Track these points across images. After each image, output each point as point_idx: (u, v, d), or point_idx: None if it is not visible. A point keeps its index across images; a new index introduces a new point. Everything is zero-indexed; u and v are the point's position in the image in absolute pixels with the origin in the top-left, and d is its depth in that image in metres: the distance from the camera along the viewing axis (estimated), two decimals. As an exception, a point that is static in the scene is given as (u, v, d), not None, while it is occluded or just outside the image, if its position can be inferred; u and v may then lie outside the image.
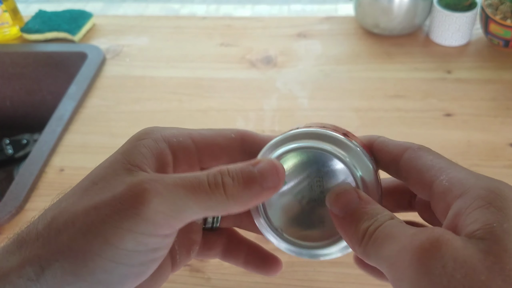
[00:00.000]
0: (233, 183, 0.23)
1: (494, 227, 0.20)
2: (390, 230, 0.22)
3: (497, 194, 0.21)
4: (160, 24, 0.93)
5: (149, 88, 0.78)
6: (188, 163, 0.27)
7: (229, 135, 0.28)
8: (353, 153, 0.25)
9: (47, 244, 0.22)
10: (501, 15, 0.76)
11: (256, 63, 0.82)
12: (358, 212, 0.23)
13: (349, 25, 0.88)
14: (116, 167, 0.24)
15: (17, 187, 0.63)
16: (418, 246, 0.20)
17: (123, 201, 0.22)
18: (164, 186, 0.23)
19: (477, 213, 0.20)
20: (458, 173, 0.23)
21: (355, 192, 0.24)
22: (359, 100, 0.73)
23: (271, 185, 0.24)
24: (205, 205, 0.23)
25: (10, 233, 0.25)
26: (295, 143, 0.26)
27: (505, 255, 0.19)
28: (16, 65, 0.89)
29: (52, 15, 0.93)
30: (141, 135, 0.26)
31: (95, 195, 0.23)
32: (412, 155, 0.25)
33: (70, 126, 0.73)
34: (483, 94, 0.72)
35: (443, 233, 0.20)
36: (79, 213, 0.23)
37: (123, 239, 0.22)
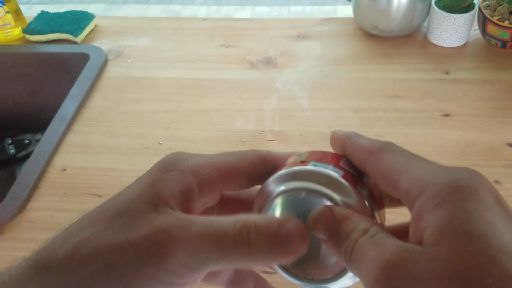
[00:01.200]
0: (258, 241, 0.23)
1: (443, 228, 0.19)
2: (361, 252, 0.21)
3: (452, 187, 0.20)
4: (161, 25, 0.94)
5: (150, 89, 0.79)
6: (211, 193, 0.27)
7: (252, 161, 0.28)
8: (334, 185, 0.25)
9: (68, 277, 0.22)
10: (498, 16, 0.76)
11: (256, 64, 0.82)
12: (337, 232, 0.23)
13: (348, 26, 0.89)
14: (143, 200, 0.24)
15: (19, 186, 0.63)
16: (373, 276, 0.20)
17: (148, 247, 0.22)
18: (190, 237, 0.22)
19: (432, 214, 0.20)
20: (416, 170, 0.22)
21: (329, 211, 0.24)
22: (358, 101, 0.73)
23: (294, 249, 0.23)
24: (226, 259, 0.23)
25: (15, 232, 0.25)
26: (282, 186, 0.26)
27: (453, 259, 0.18)
28: (18, 65, 0.90)
29: (54, 16, 0.94)
30: (168, 165, 0.25)
31: (120, 230, 0.23)
32: (374, 160, 0.24)
33: (72, 126, 0.73)
34: (481, 94, 0.72)
35: (394, 254, 0.19)
36: (103, 249, 0.22)
37: (144, 286, 0.22)
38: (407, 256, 0.19)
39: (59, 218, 0.60)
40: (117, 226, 0.23)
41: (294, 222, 0.24)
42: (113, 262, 0.22)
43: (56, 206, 0.62)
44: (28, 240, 0.58)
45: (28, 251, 0.24)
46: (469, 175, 0.21)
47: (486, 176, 0.65)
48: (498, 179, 0.60)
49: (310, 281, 0.27)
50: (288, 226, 0.24)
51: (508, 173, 0.61)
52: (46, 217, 0.60)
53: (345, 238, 0.22)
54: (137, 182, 0.25)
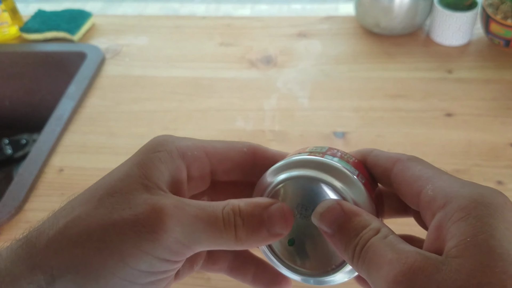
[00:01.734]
0: (243, 226, 0.24)
1: (467, 242, 0.19)
2: (374, 252, 0.22)
3: (479, 202, 0.20)
4: (159, 24, 0.93)
5: (149, 88, 0.78)
6: (201, 176, 0.27)
7: (241, 149, 0.28)
8: (348, 181, 0.25)
9: (59, 254, 0.22)
10: (501, 15, 0.76)
11: (256, 62, 0.81)
12: (345, 228, 0.23)
13: (350, 24, 0.88)
14: (133, 180, 0.24)
15: (16, 187, 0.62)
16: (393, 278, 0.20)
17: (145, 224, 0.22)
18: (186, 216, 0.23)
19: (456, 226, 0.20)
20: (443, 182, 0.23)
21: (338, 206, 0.24)
22: (359, 100, 0.72)
23: (278, 232, 0.25)
24: (216, 241, 0.24)
25: (13, 233, 0.25)
26: (293, 172, 0.26)
27: (475, 273, 0.19)
28: (15, 64, 0.89)
29: (51, 14, 0.93)
30: (156, 146, 0.26)
31: (113, 209, 0.23)
32: (401, 167, 0.25)
33: (70, 126, 0.72)
34: (484, 94, 0.72)
35: (416, 259, 0.20)
36: (96, 227, 0.22)
37: (139, 261, 0.22)
38: (430, 264, 0.20)
39: (57, 219, 0.59)
40: (109, 205, 0.23)
41: (277, 205, 0.25)
42: (107, 239, 0.22)
43: (53, 206, 0.60)
44: (25, 242, 0.57)
45: None
46: (495, 194, 0.21)
47: (489, 176, 0.65)
48: (501, 179, 0.59)
49: (306, 275, 0.27)
50: (271, 209, 0.25)
51: (511, 173, 0.60)
52: (44, 217, 0.59)
53: (355, 235, 0.23)
54: (125, 163, 0.25)
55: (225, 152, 0.28)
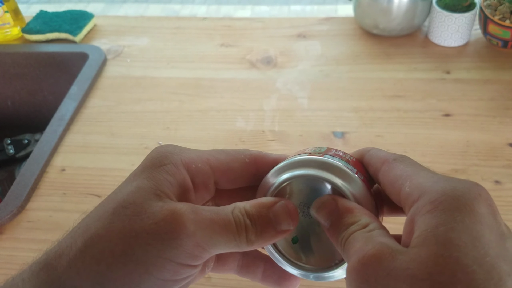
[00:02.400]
0: (252, 228, 0.25)
1: (427, 232, 0.20)
2: (350, 243, 0.23)
3: (449, 195, 0.21)
4: (160, 25, 0.93)
5: (150, 89, 0.79)
6: (205, 188, 0.27)
7: (243, 160, 0.28)
8: (347, 178, 0.26)
9: (83, 274, 0.22)
10: (500, 16, 0.76)
11: (256, 63, 0.82)
12: (337, 222, 0.24)
13: (349, 25, 0.89)
14: (145, 192, 0.24)
15: (18, 187, 0.63)
16: (351, 265, 0.21)
17: (167, 230, 0.22)
18: (204, 220, 0.24)
19: (422, 219, 0.21)
20: (420, 178, 0.23)
21: (333, 201, 0.25)
22: (358, 100, 0.73)
23: (285, 228, 0.25)
24: (230, 244, 0.24)
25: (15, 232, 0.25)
26: (294, 171, 0.26)
27: (428, 262, 0.19)
28: (17, 65, 0.89)
29: (53, 15, 0.93)
30: (161, 159, 0.26)
31: (131, 220, 0.23)
32: (386, 168, 0.26)
33: (71, 126, 0.73)
34: (482, 94, 0.72)
35: (377, 249, 0.21)
36: (117, 241, 0.22)
37: (163, 269, 0.22)
38: (386, 252, 0.20)
39: (59, 218, 0.60)
40: (125, 217, 0.23)
41: (281, 203, 0.26)
42: (130, 251, 0.22)
43: (55, 206, 0.61)
44: (27, 240, 0.58)
45: (30, 252, 0.24)
46: (469, 186, 0.21)
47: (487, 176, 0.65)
48: (498, 179, 0.60)
49: (308, 270, 0.27)
50: (276, 207, 0.25)
51: (509, 173, 0.61)
52: (46, 217, 0.60)
53: (344, 229, 0.24)
54: (133, 177, 0.25)
55: (228, 163, 0.28)
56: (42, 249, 0.24)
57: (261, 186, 0.28)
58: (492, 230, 0.20)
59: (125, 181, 0.26)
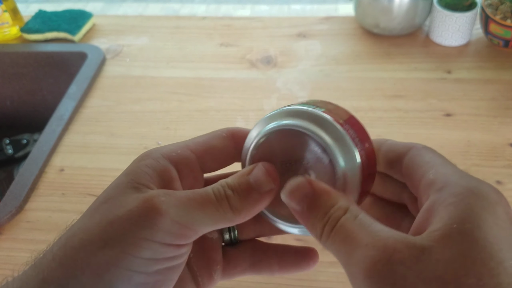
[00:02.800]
0: (234, 195, 0.25)
1: (453, 228, 0.19)
2: (345, 233, 0.22)
3: (474, 193, 0.21)
4: (160, 24, 0.93)
5: (149, 88, 0.79)
6: (192, 173, 0.28)
7: (220, 135, 0.29)
8: (340, 140, 0.24)
9: (64, 263, 0.23)
10: (501, 15, 0.76)
11: (256, 63, 0.82)
12: (313, 206, 0.23)
13: (349, 25, 0.88)
14: (122, 186, 0.25)
15: (17, 187, 0.63)
16: (371, 265, 0.20)
17: (140, 213, 0.23)
18: (178, 200, 0.24)
19: (445, 210, 0.20)
20: (446, 170, 0.23)
21: (309, 184, 0.24)
22: (358, 100, 0.73)
23: (267, 189, 0.25)
24: (214, 217, 0.24)
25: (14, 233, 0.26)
26: (282, 121, 0.25)
27: (454, 263, 0.19)
28: (16, 65, 0.89)
29: (52, 15, 0.93)
30: (141, 158, 0.27)
31: (108, 212, 0.24)
32: (415, 153, 0.26)
33: (70, 126, 0.73)
34: (483, 94, 0.72)
35: (395, 248, 0.20)
36: (95, 231, 0.23)
37: (141, 248, 0.23)
38: (410, 254, 0.19)
39: (58, 218, 0.60)
40: (104, 210, 0.24)
41: (257, 166, 0.26)
42: (106, 237, 0.23)
43: (54, 206, 0.61)
44: (26, 241, 0.57)
45: (29, 252, 0.25)
46: (492, 189, 0.21)
47: (488, 176, 0.65)
48: (500, 179, 0.60)
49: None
50: (255, 173, 0.25)
51: (510, 173, 0.60)
52: (45, 217, 0.60)
53: (323, 213, 0.23)
54: (117, 177, 0.27)
55: (206, 142, 0.28)
56: (41, 249, 0.25)
57: (245, 145, 0.28)
58: (510, 236, 0.20)
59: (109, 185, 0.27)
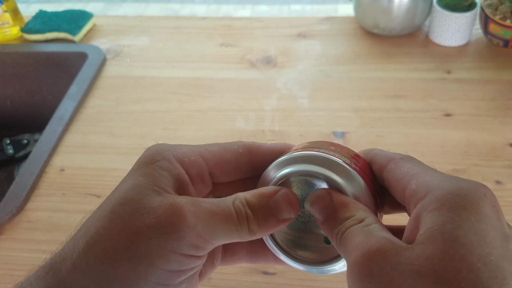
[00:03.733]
0: (254, 218, 0.25)
1: (434, 230, 0.20)
2: (349, 237, 0.23)
3: (455, 194, 0.21)
4: (160, 25, 0.93)
5: (150, 88, 0.79)
6: (201, 180, 0.27)
7: (236, 150, 0.28)
8: (347, 175, 0.26)
9: (88, 274, 0.22)
10: (500, 15, 0.76)
11: (256, 63, 0.82)
12: (332, 217, 0.24)
13: (349, 25, 0.88)
14: (142, 188, 0.24)
15: (18, 187, 0.63)
16: (354, 258, 0.21)
17: (168, 224, 0.23)
18: (204, 212, 0.24)
19: (429, 216, 0.21)
20: (427, 177, 0.23)
21: (329, 196, 0.25)
22: (358, 100, 0.73)
23: (286, 217, 0.25)
24: (232, 235, 0.25)
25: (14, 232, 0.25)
26: (294, 167, 0.27)
27: (433, 259, 0.19)
28: (16, 65, 0.89)
29: (52, 15, 0.93)
30: (154, 156, 0.26)
31: (131, 217, 0.23)
32: (393, 166, 0.26)
33: (71, 126, 0.73)
34: (483, 94, 0.72)
35: (381, 244, 0.21)
36: (119, 239, 0.23)
37: (169, 261, 0.23)
38: (390, 247, 0.20)
39: (58, 218, 0.60)
40: (124, 214, 0.23)
41: (281, 192, 0.26)
42: (133, 247, 0.22)
43: (55, 206, 0.61)
44: (27, 241, 0.57)
45: (30, 252, 0.24)
46: (475, 186, 0.21)
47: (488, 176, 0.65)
48: (499, 179, 0.60)
49: (310, 264, 0.28)
50: (277, 196, 0.25)
51: (510, 173, 0.60)
52: (45, 217, 0.60)
53: (339, 223, 0.24)
54: (128, 177, 0.26)
55: (221, 155, 0.28)
56: (42, 249, 0.24)
57: (261, 179, 0.28)
58: (496, 231, 0.20)
59: (121, 181, 0.26)
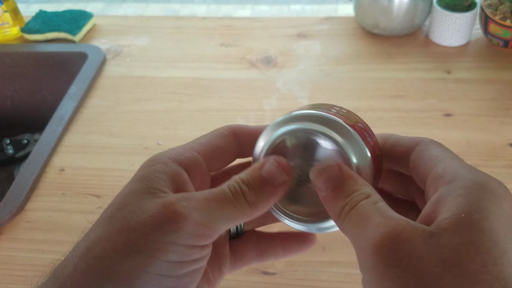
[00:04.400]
0: (250, 191, 0.25)
1: (461, 217, 0.20)
2: (362, 213, 0.23)
3: (482, 186, 0.21)
4: (160, 25, 0.93)
5: (149, 88, 0.79)
6: (200, 174, 0.28)
7: (222, 133, 0.29)
8: (350, 138, 0.26)
9: (87, 274, 0.23)
10: (500, 15, 0.76)
11: (256, 63, 0.82)
12: (338, 188, 0.24)
13: (349, 25, 0.88)
14: (138, 192, 0.25)
15: (18, 187, 0.63)
16: (379, 241, 0.21)
17: (163, 218, 0.23)
18: (198, 202, 0.24)
19: (455, 200, 0.21)
20: (454, 164, 0.24)
21: (338, 167, 0.25)
22: (358, 100, 0.73)
23: (280, 181, 0.26)
24: (234, 214, 0.25)
25: (14, 233, 0.25)
26: (293, 125, 0.26)
27: (460, 249, 0.19)
28: (16, 65, 0.89)
29: (52, 15, 0.93)
30: (150, 162, 0.27)
31: (128, 219, 0.24)
32: (422, 147, 0.26)
33: (71, 126, 0.73)
34: (483, 94, 0.72)
35: (405, 228, 0.21)
36: (117, 239, 0.23)
37: (168, 252, 0.23)
38: (418, 235, 0.20)
39: (58, 218, 0.60)
40: (122, 217, 0.24)
41: (269, 160, 0.26)
42: (131, 243, 0.23)
43: (55, 206, 0.61)
44: (27, 241, 0.57)
45: (30, 252, 0.24)
46: (499, 184, 0.22)
47: (488, 176, 0.63)
48: (499, 179, 0.59)
49: (310, 222, 0.28)
50: (267, 166, 0.26)
51: (510, 173, 0.61)
52: (45, 217, 0.60)
53: (346, 196, 0.24)
54: (126, 185, 0.26)
55: (210, 142, 0.29)
56: (42, 249, 0.25)
57: (254, 151, 0.28)
58: None
59: (120, 191, 0.27)
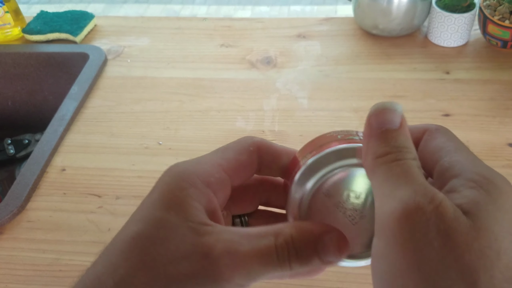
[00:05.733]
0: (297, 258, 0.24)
1: (479, 203, 0.20)
2: (405, 171, 0.22)
3: (490, 180, 0.21)
4: (161, 25, 0.94)
5: (150, 89, 0.79)
6: (224, 194, 0.27)
7: (248, 149, 0.28)
8: None
9: None
10: (499, 16, 0.76)
11: (256, 63, 0.82)
12: (390, 134, 0.23)
13: (349, 26, 0.89)
14: (174, 226, 0.23)
15: (19, 187, 0.63)
16: (413, 206, 0.20)
17: (204, 275, 0.22)
18: (241, 259, 0.23)
19: (467, 191, 0.21)
20: (460, 157, 0.23)
21: (401, 118, 0.23)
22: (358, 101, 0.73)
23: (331, 261, 0.24)
24: (273, 274, 0.24)
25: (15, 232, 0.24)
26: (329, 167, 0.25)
27: (485, 233, 0.20)
28: (18, 65, 0.90)
29: (53, 16, 0.94)
30: (179, 182, 0.24)
31: (166, 262, 0.22)
32: (428, 137, 0.25)
33: (72, 126, 0.73)
34: (482, 94, 0.72)
35: (443, 200, 0.20)
36: (153, 284, 0.22)
37: None
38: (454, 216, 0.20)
39: (59, 218, 0.60)
40: (158, 257, 0.22)
41: (331, 235, 0.24)
42: None
43: (55, 206, 0.61)
44: (28, 240, 0.58)
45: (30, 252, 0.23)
46: (505, 180, 0.22)
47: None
48: (498, 179, 0.60)
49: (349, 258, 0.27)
50: (326, 239, 0.24)
51: (509, 173, 0.61)
52: (46, 217, 0.60)
53: (395, 146, 0.23)
54: (152, 207, 0.24)
55: (235, 159, 0.27)
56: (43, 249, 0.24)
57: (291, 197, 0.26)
58: None
59: (141, 210, 0.24)
